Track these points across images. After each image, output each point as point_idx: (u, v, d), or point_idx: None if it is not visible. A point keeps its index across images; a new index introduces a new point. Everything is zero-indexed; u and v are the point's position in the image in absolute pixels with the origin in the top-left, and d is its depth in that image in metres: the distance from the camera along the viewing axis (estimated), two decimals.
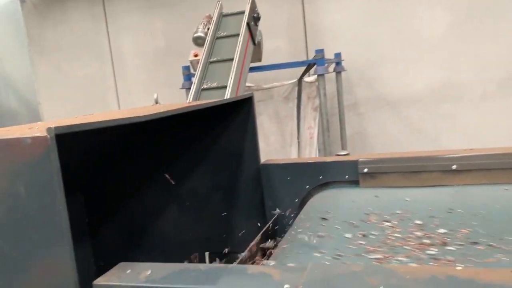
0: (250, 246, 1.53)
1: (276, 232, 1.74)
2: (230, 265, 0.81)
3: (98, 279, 0.87)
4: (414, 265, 0.85)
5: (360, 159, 1.65)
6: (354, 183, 1.67)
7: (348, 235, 1.15)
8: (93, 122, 0.89)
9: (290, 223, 1.72)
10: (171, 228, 2.01)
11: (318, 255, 1.01)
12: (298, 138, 3.94)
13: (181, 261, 1.98)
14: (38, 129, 0.87)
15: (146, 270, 0.83)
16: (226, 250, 1.89)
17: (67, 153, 1.72)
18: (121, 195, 2.05)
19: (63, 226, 0.81)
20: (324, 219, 1.39)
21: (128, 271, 0.85)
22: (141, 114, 1.09)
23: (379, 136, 4.81)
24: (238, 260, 1.41)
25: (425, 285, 0.64)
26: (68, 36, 5.66)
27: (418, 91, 4.66)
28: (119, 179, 2.04)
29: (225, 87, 3.07)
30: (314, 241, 1.13)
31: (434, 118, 4.67)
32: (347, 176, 1.67)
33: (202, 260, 1.97)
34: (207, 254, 1.97)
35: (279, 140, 3.90)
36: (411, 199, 1.49)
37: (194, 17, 3.94)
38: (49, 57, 5.78)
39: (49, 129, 0.79)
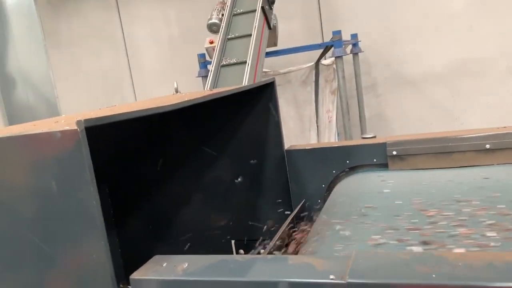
0: (278, 235, 1.50)
1: (303, 219, 1.72)
2: (269, 256, 0.79)
3: (134, 273, 0.85)
4: (463, 250, 0.81)
5: (388, 141, 1.60)
6: (383, 166, 1.62)
7: (383, 222, 1.11)
8: (122, 113, 0.86)
9: (317, 209, 1.69)
10: (196, 217, 2.00)
11: (354, 244, 0.98)
12: (316, 122, 3.89)
13: (207, 251, 1.97)
14: (66, 123, 0.85)
15: (183, 263, 0.81)
16: (254, 240, 1.87)
17: (92, 145, 1.71)
18: (144, 186, 2.04)
19: (97, 220, 0.80)
20: (354, 205, 1.35)
21: (164, 265, 0.83)
22: (166, 104, 1.06)
23: (399, 117, 4.72)
24: (267, 249, 1.38)
25: (481, 273, 0.61)
26: (82, 28, 5.66)
27: (438, 68, 4.55)
28: (142, 170, 2.03)
29: (245, 62, 3.00)
30: (347, 230, 1.10)
31: (456, 95, 4.56)
32: (375, 160, 1.63)
33: (228, 248, 1.96)
34: (233, 242, 1.96)
35: (298, 125, 3.86)
36: (444, 180, 1.44)
37: (207, 3, 3.89)
38: (64, 50, 5.79)
39: (79, 122, 0.77)
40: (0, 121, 5.91)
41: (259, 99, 1.78)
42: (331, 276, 0.67)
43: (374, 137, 1.75)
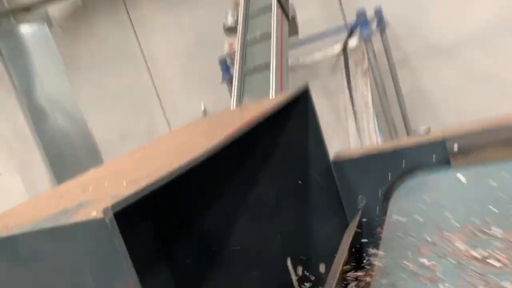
0: (340, 257, 1.36)
1: (362, 235, 1.57)
2: None
3: None
4: None
5: (447, 136, 1.43)
6: (444, 164, 1.45)
7: (468, 247, 0.95)
8: (152, 184, 0.74)
9: (377, 221, 1.53)
10: (246, 240, 1.89)
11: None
12: (353, 108, 3.70)
13: (263, 273, 1.87)
14: (92, 206, 0.73)
15: None
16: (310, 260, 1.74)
17: None
18: (189, 212, 1.95)
19: None
20: (420, 221, 1.19)
21: None
22: (200, 150, 0.94)
23: (437, 88, 4.45)
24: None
25: None
26: (99, 50, 5.65)
27: (472, 30, 4.24)
28: (185, 197, 1.93)
29: (268, 65, 2.85)
30: (423, 262, 0.94)
31: (494, 56, 4.25)
32: (434, 158, 1.46)
33: (283, 269, 1.85)
34: (289, 260, 1.84)
35: (334, 117, 3.68)
36: None
37: (221, 5, 3.74)
38: (85, 75, 5.80)
39: (106, 211, 0.65)
40: (36, 150, 6.03)
41: (294, 108, 1.63)
42: None
43: (429, 130, 1.57)
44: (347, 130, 3.58)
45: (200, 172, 1.85)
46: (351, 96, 3.76)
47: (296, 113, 1.62)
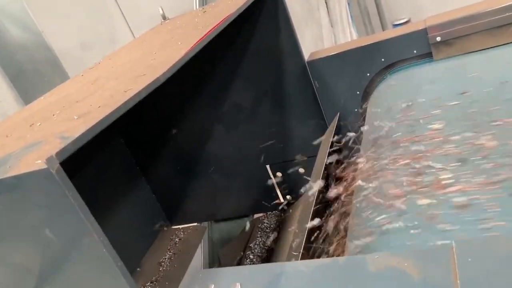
0: (315, 171, 1.32)
1: (340, 135, 1.52)
2: (341, 259, 0.62)
3: None
4: None
5: (429, 25, 1.32)
6: (426, 56, 1.36)
7: (452, 145, 0.90)
8: (103, 120, 0.64)
9: (356, 123, 1.48)
10: (223, 147, 1.84)
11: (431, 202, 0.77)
12: None
13: (242, 180, 1.85)
14: (37, 152, 0.64)
15: (234, 285, 0.65)
16: (291, 161, 1.72)
17: None
18: (162, 127, 1.87)
19: (116, 267, 0.62)
20: (408, 121, 1.13)
21: (212, 287, 0.67)
22: (159, 70, 0.83)
23: None
24: (311, 192, 1.21)
25: None
26: None
27: None
28: (156, 111, 1.83)
29: None
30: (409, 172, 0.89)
31: None
32: (415, 51, 1.37)
33: (263, 173, 1.83)
34: (268, 167, 1.82)
35: (305, 6, 3.45)
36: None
37: None
38: None
39: (50, 160, 0.56)
40: None
41: (263, 6, 1.48)
42: None
43: (408, 21, 1.46)
44: (319, 21, 3.39)
45: (170, 83, 1.74)
46: None
47: (266, 10, 1.47)
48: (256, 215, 1.97)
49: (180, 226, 2.08)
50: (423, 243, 0.63)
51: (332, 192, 1.23)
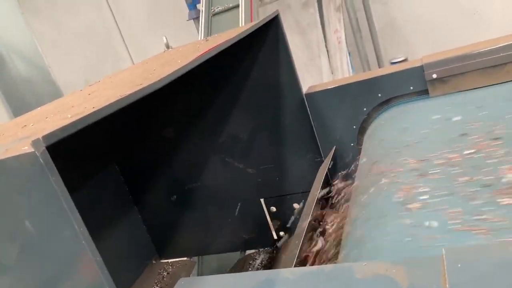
0: (310, 214, 1.30)
1: (336, 169, 1.52)
2: (328, 266, 0.60)
3: None
4: None
5: (425, 63, 1.35)
6: (422, 93, 1.38)
7: (443, 178, 0.89)
8: (96, 112, 0.64)
9: (351, 157, 1.48)
10: (218, 179, 1.83)
11: (419, 227, 0.76)
12: (326, 46, 3.57)
13: (237, 212, 1.82)
14: (25, 138, 0.63)
15: None
16: (286, 195, 1.70)
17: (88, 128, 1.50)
18: (157, 156, 1.86)
19: (96, 263, 0.60)
20: (398, 151, 1.13)
21: None
22: (155, 78, 0.83)
23: (412, 22, 4.33)
24: (296, 210, 1.20)
25: None
26: None
27: None
28: (152, 140, 1.83)
29: (237, 6, 2.71)
30: (399, 194, 0.88)
31: None
32: (412, 87, 1.39)
33: (257, 208, 1.80)
34: (262, 200, 1.80)
35: (306, 53, 3.55)
36: (504, 100, 1.20)
37: None
38: (43, 15, 5.41)
39: (36, 143, 0.55)
40: None
41: (264, 39, 1.52)
42: None
43: (406, 59, 1.49)
44: (320, 68, 3.47)
45: (169, 109, 1.75)
46: (324, 33, 3.62)
47: (267, 43, 1.51)
48: (248, 251, 1.92)
49: (169, 260, 2.02)
50: (413, 251, 0.61)
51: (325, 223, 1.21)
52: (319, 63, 3.50)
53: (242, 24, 2.71)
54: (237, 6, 2.80)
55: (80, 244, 0.59)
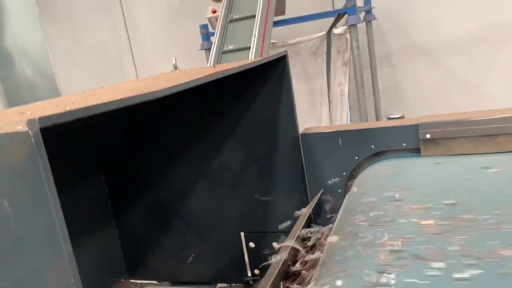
0: (290, 235, 1.30)
1: (320, 213, 1.52)
2: None
3: None
4: None
5: (421, 122, 1.38)
6: (414, 151, 1.41)
7: (422, 236, 0.90)
8: (93, 106, 0.65)
9: (337, 203, 1.49)
10: (202, 207, 1.82)
11: (393, 274, 0.77)
12: (328, 96, 3.65)
13: (215, 244, 1.80)
14: (20, 121, 0.63)
15: None
16: (266, 232, 1.69)
17: (79, 129, 1.51)
18: (146, 174, 1.86)
19: (64, 253, 0.59)
20: (386, 201, 1.14)
21: None
22: (158, 88, 0.85)
23: (415, 88, 4.46)
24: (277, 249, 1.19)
25: None
26: (78, 0, 5.38)
27: (455, 36, 4.25)
28: (142, 157, 1.84)
29: (248, 48, 2.80)
30: (378, 239, 0.89)
31: (474, 65, 4.28)
32: (404, 144, 1.42)
33: (236, 241, 1.79)
34: (242, 234, 1.78)
35: (308, 100, 3.62)
36: (491, 169, 1.23)
37: None
38: (60, 25, 5.53)
39: (31, 123, 0.56)
40: None
41: (270, 76, 1.56)
42: None
43: (402, 117, 1.54)
44: (320, 116, 3.53)
45: (165, 130, 1.77)
46: (328, 83, 3.71)
47: (271, 79, 1.55)
48: (219, 285, 1.88)
49: (138, 281, 1.97)
50: None
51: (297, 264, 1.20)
52: (319, 111, 3.57)
53: (252, 55, 2.79)
54: (248, 48, 2.88)
55: (54, 232, 0.59)
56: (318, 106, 3.59)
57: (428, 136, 1.37)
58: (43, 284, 0.63)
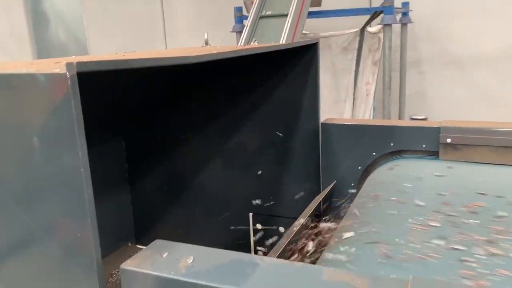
0: (300, 219, 1.32)
1: (331, 203, 1.53)
2: (299, 264, 0.61)
3: (128, 262, 0.69)
4: None
5: (443, 126, 1.38)
6: (432, 154, 1.41)
7: (423, 227, 0.91)
8: (130, 60, 0.67)
9: (349, 195, 1.50)
10: (214, 183, 1.85)
11: (396, 258, 0.78)
12: (353, 94, 3.63)
13: (222, 221, 1.83)
14: (57, 65, 0.66)
15: (187, 257, 0.64)
16: (275, 216, 1.71)
17: (106, 92, 1.54)
18: (164, 144, 1.89)
19: (85, 192, 0.62)
20: (396, 200, 1.15)
21: (165, 255, 0.66)
22: (188, 55, 0.87)
23: (441, 99, 4.39)
24: (284, 233, 1.21)
25: None
26: None
27: (489, 51, 4.16)
28: (163, 126, 1.87)
29: (286, 15, 2.76)
30: (385, 234, 0.90)
31: (504, 82, 4.19)
32: (424, 145, 1.42)
33: (244, 221, 1.81)
34: (250, 215, 1.81)
35: (333, 95, 3.61)
36: (504, 180, 1.22)
37: None
38: None
39: (69, 65, 0.58)
40: (30, 55, 5.86)
41: (298, 62, 1.57)
42: None
43: (425, 119, 1.52)
44: (343, 113, 3.52)
45: (189, 104, 1.79)
46: (355, 81, 3.69)
47: (299, 65, 1.56)
48: None
49: (144, 247, 2.02)
50: (386, 273, 0.62)
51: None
52: (342, 108, 3.55)
53: (284, 35, 2.77)
54: (286, 15, 2.84)
55: (78, 173, 0.61)
56: (342, 103, 3.58)
57: (448, 140, 1.36)
58: (63, 221, 0.66)
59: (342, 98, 3.53)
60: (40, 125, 0.63)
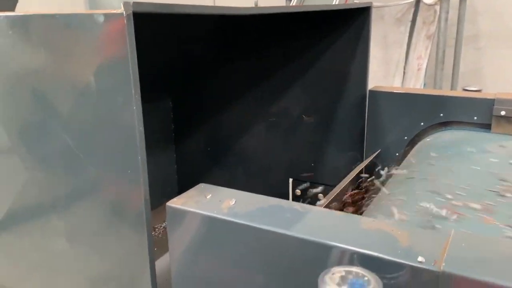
0: (342, 184, 1.32)
1: (373, 173, 1.51)
2: (337, 212, 0.62)
3: (174, 200, 0.72)
4: None
5: (498, 98, 1.32)
6: (484, 126, 1.35)
7: (476, 200, 0.88)
8: (181, 5, 0.69)
9: (393, 165, 1.47)
10: (256, 148, 1.87)
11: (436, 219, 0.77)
12: (404, 68, 3.51)
13: (262, 185, 1.86)
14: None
15: (230, 199, 0.66)
16: (315, 183, 1.72)
17: (158, 52, 1.57)
18: (210, 107, 1.92)
19: (136, 133, 0.65)
20: (441, 171, 1.12)
21: (209, 196, 0.68)
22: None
23: (497, 78, 4.17)
24: (325, 200, 1.21)
25: None
26: None
27: None
28: (209, 89, 1.90)
29: None
30: (427, 201, 0.88)
31: None
32: (475, 117, 1.36)
33: (283, 186, 1.83)
34: (290, 180, 1.82)
35: (382, 69, 3.50)
36: None
37: None
38: None
39: (126, 4, 0.60)
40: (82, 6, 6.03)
41: (348, 27, 1.53)
42: (420, 259, 0.49)
43: (479, 91, 1.46)
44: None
45: (236, 67, 1.80)
46: (406, 55, 3.56)
47: (350, 30, 1.52)
48: None
49: None
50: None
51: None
52: (392, 83, 3.45)
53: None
54: None
55: (130, 111, 0.64)
56: (391, 78, 3.47)
57: (503, 113, 1.31)
58: (114, 162, 0.69)
59: (392, 72, 3.42)
60: (97, 64, 0.66)
